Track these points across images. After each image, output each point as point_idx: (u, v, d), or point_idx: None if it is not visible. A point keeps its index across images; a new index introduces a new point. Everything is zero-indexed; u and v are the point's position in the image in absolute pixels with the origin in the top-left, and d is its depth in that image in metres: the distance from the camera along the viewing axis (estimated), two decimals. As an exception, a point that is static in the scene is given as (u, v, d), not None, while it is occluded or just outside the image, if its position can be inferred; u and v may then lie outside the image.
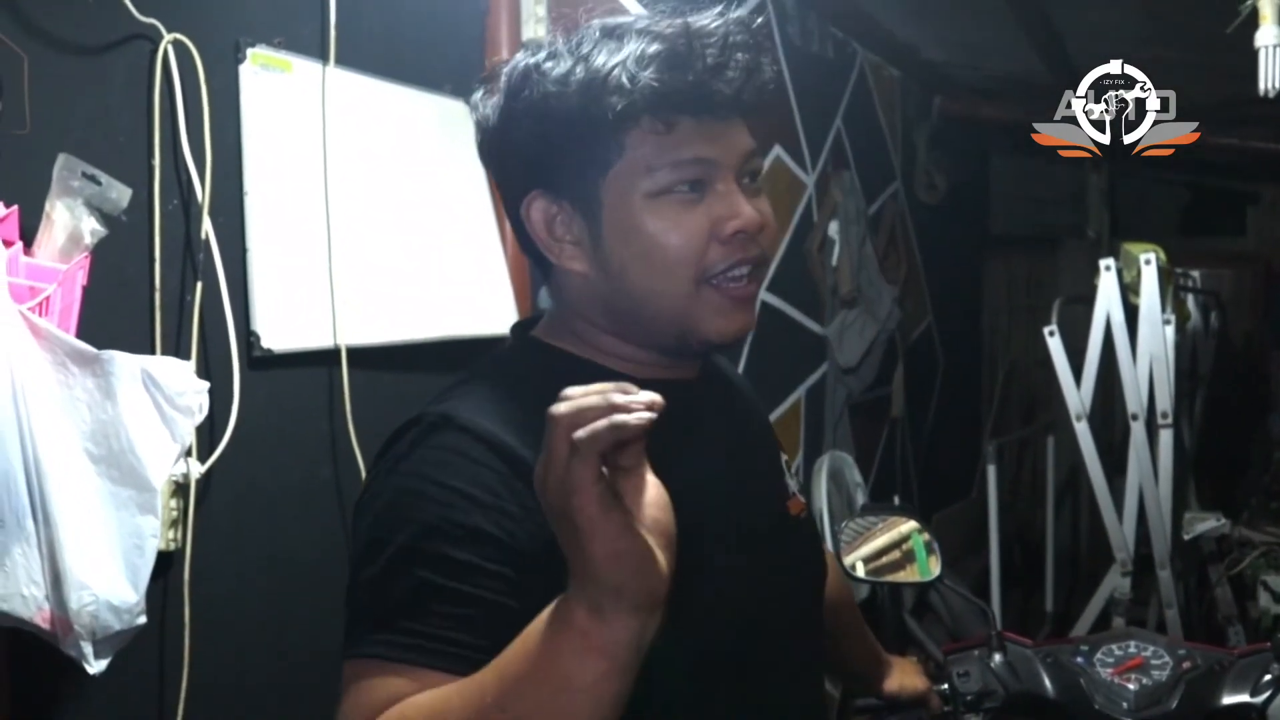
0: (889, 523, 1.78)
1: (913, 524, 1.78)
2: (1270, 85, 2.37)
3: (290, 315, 2.07)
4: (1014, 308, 6.57)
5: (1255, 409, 5.28)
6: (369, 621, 1.03)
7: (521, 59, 1.16)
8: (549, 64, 1.13)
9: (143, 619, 1.56)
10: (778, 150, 3.79)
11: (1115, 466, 3.76)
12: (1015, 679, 1.68)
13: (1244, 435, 5.11)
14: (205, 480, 1.90)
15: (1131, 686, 1.63)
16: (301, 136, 2.10)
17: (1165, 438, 3.53)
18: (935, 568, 1.76)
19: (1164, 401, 3.50)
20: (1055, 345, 3.66)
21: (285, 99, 2.07)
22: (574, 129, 1.10)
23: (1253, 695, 1.59)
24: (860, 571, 1.75)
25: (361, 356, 2.18)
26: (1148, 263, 3.47)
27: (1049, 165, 6.16)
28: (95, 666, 1.51)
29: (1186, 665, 1.65)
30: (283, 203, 2.06)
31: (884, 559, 1.78)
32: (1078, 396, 3.62)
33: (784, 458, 1.37)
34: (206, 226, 1.88)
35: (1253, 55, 2.41)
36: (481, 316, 2.52)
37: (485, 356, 1.27)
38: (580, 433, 0.83)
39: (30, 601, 1.46)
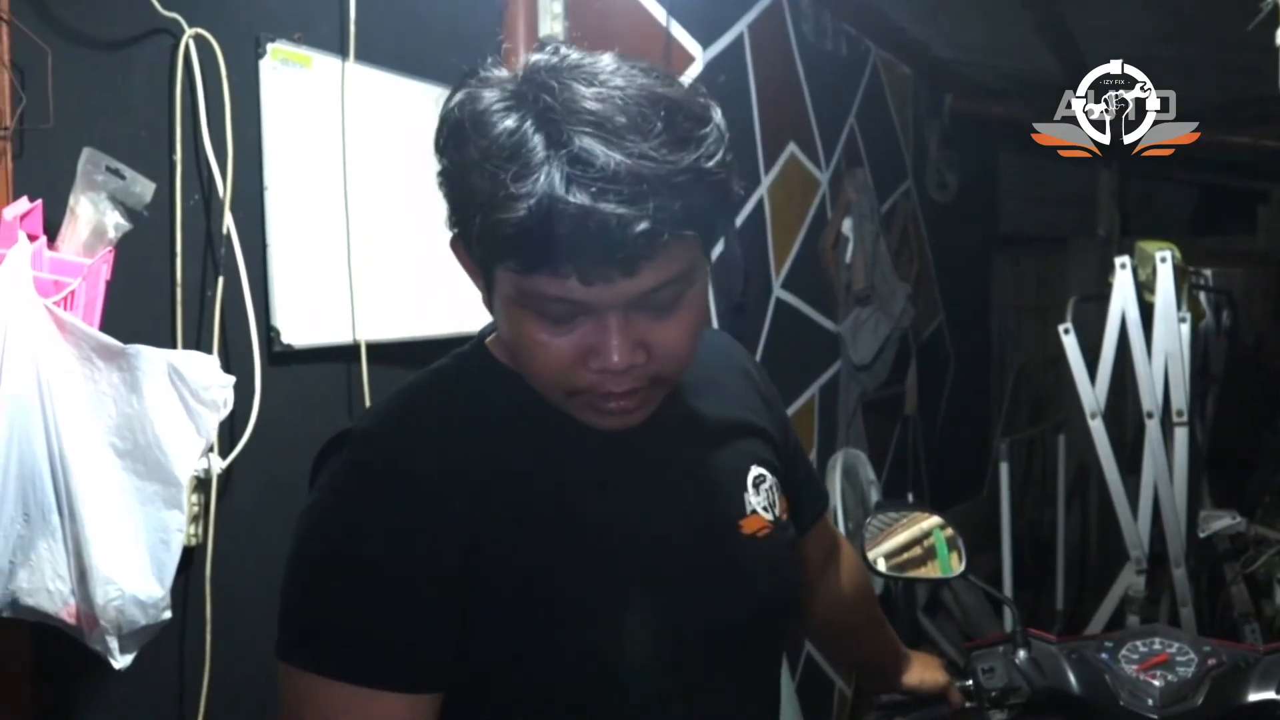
0: (912, 518, 1.78)
1: (935, 520, 1.78)
2: (1289, 83, 2.36)
3: (310, 311, 2.07)
4: (1022, 307, 6.56)
5: (1267, 408, 5.26)
6: (302, 630, 1.08)
7: (468, 99, 1.03)
8: (481, 131, 1.00)
9: (168, 614, 1.56)
10: (792, 147, 3.79)
11: (1128, 465, 3.75)
12: (1040, 675, 1.68)
13: (1255, 434, 5.10)
14: (226, 476, 1.90)
15: (1157, 683, 1.62)
16: (321, 132, 2.10)
17: (1180, 435, 3.52)
18: (957, 564, 1.76)
19: (1179, 399, 3.49)
20: (1070, 343, 3.65)
21: (305, 94, 2.06)
22: (465, 224, 1.05)
23: (1279, 692, 1.58)
24: (882, 567, 1.75)
25: (381, 352, 2.18)
26: (1163, 260, 3.46)
27: (1058, 164, 6.14)
28: (121, 661, 1.51)
29: (1211, 662, 1.64)
30: (302, 198, 2.06)
31: (905, 555, 1.78)
32: (1093, 394, 3.62)
33: (756, 472, 1.28)
34: (228, 221, 1.88)
35: (1268, 52, 2.40)
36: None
37: (440, 362, 1.25)
38: None
39: (56, 596, 1.46)
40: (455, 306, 2.37)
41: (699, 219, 1.01)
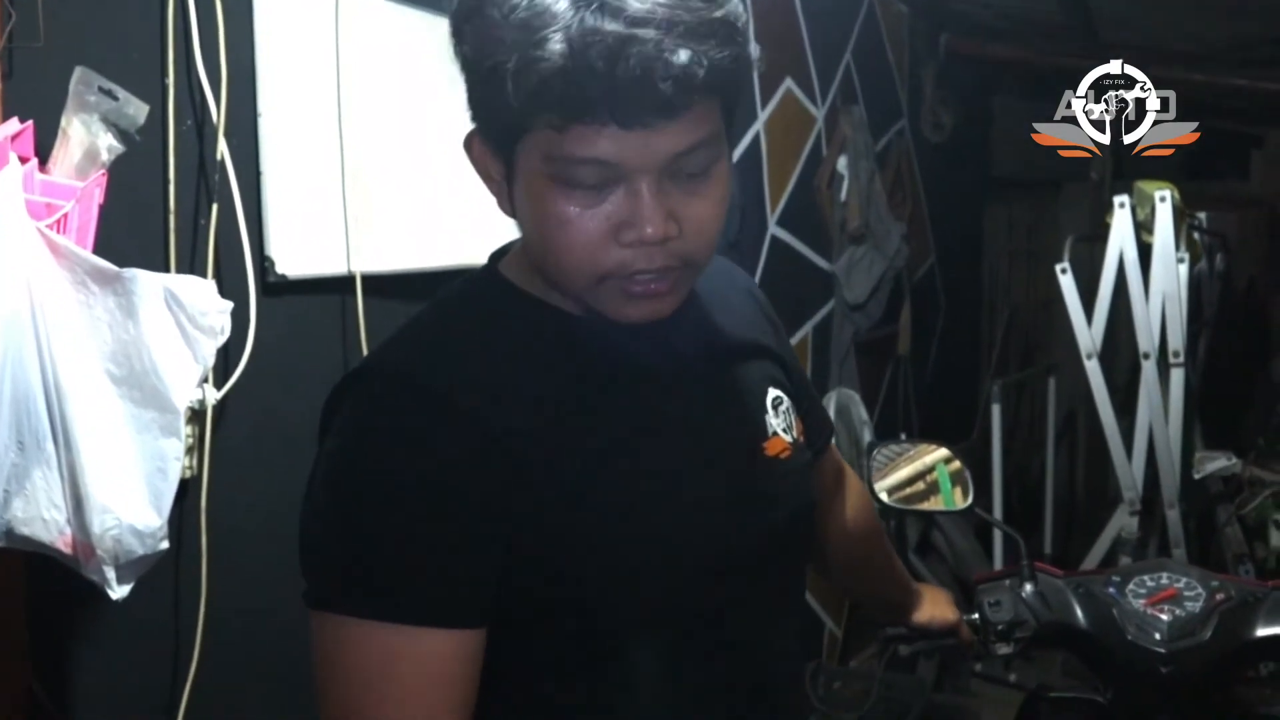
0: (918, 450, 1.76)
1: (941, 453, 1.76)
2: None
3: (305, 241, 2.03)
4: (1015, 251, 6.54)
5: (1259, 352, 5.27)
6: (345, 575, 1.04)
7: None
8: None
9: (165, 544, 1.54)
10: (788, 83, 3.74)
11: (1121, 407, 3.74)
12: (1046, 609, 1.66)
13: (1247, 377, 5.11)
14: (220, 408, 1.88)
15: (1165, 617, 1.61)
16: (315, 59, 2.05)
17: (1176, 377, 3.52)
18: (961, 499, 1.75)
19: (1175, 340, 3.48)
20: (1068, 283, 3.63)
21: (298, 19, 2.02)
22: (493, 85, 0.98)
23: (1287, 627, 1.57)
24: (886, 499, 1.73)
25: (376, 284, 2.15)
26: (1163, 200, 3.44)
27: (1053, 107, 6.11)
28: (118, 592, 1.48)
29: (1220, 597, 1.63)
30: (297, 126, 2.02)
31: (909, 489, 1.76)
32: (1089, 335, 3.60)
33: (774, 394, 1.28)
34: (222, 148, 1.84)
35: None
36: (489, 246, 2.48)
37: (451, 287, 1.21)
38: None
39: (52, 525, 1.44)
40: (451, 238, 2.34)
41: (728, 79, 0.99)
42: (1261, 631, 1.59)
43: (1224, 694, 1.66)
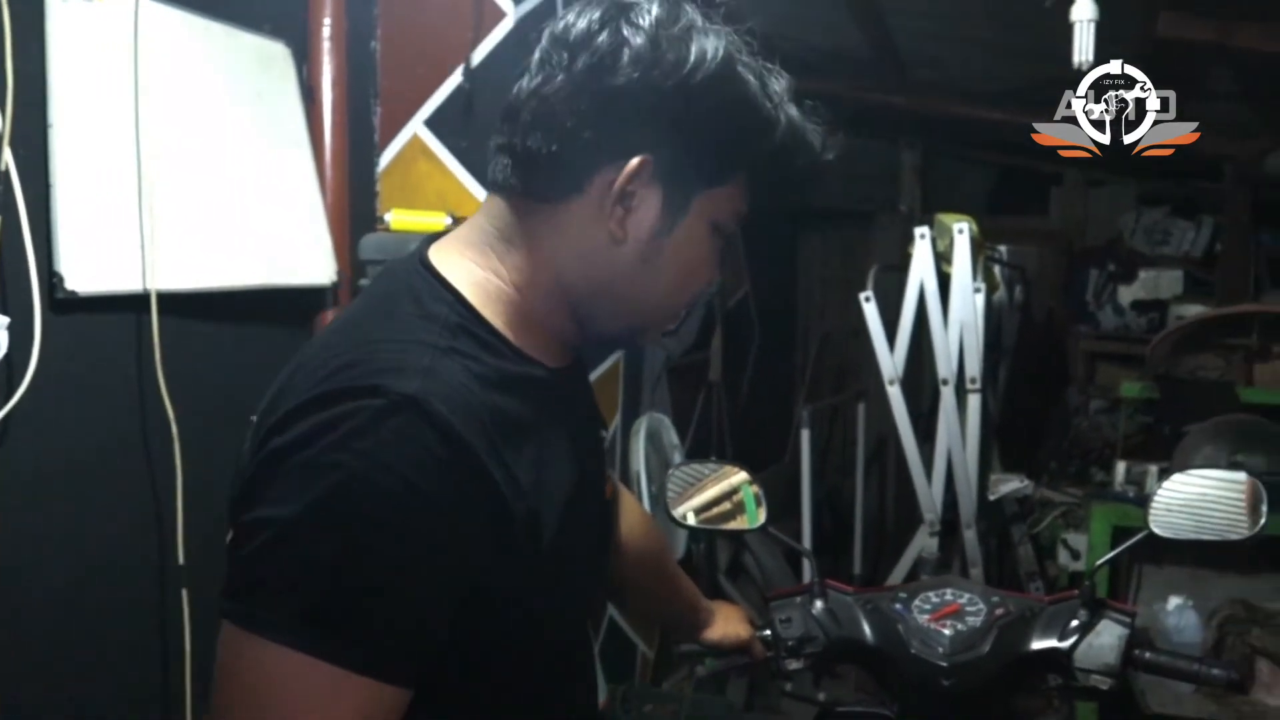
0: (721, 473, 1.79)
1: (743, 475, 1.79)
2: (1084, 59, 2.46)
3: (97, 256, 1.98)
4: (829, 279, 6.70)
5: (1055, 380, 5.49)
6: (302, 609, 0.95)
7: (712, 40, 1.12)
8: (743, 70, 1.14)
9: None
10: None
11: (924, 432, 3.86)
12: (836, 625, 1.71)
13: (1044, 405, 5.32)
14: (2, 429, 1.81)
15: (947, 632, 1.67)
16: (113, 71, 2.00)
17: (973, 402, 3.64)
18: (763, 516, 1.78)
19: (973, 367, 3.61)
20: (871, 310, 3.74)
21: (96, 30, 1.97)
22: (726, 143, 1.14)
23: (1060, 640, 1.63)
24: (692, 521, 1.76)
25: (174, 302, 2.10)
26: (960, 231, 3.56)
27: (865, 141, 6.29)
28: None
29: (1000, 612, 1.69)
30: (92, 139, 1.97)
31: (715, 509, 1.79)
32: (891, 361, 3.71)
33: (603, 434, 1.39)
34: (7, 158, 1.78)
35: (1064, 36, 2.48)
36: (299, 266, 2.45)
37: (416, 305, 1.12)
38: None
39: None
40: (252, 258, 2.30)
41: None
42: (1036, 645, 1.66)
43: (1003, 705, 1.72)
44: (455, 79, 2.80)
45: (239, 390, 2.27)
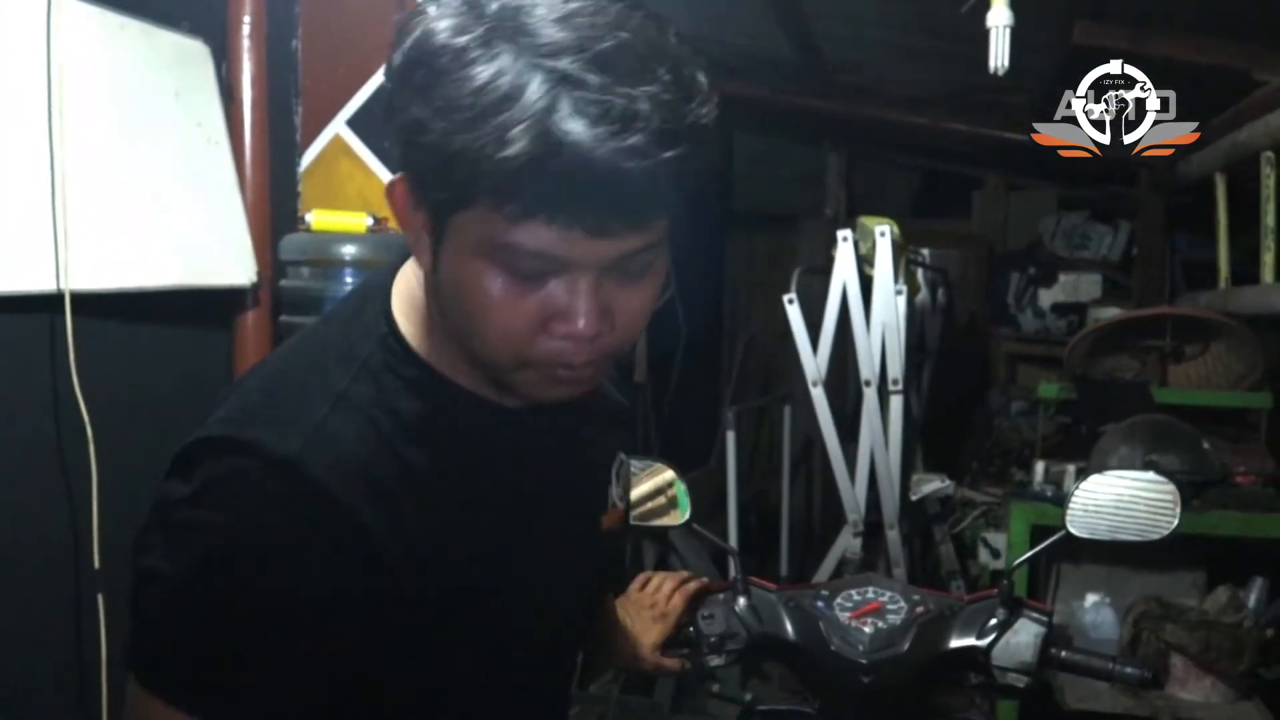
0: (652, 469, 1.79)
1: (671, 472, 1.80)
2: (1000, 64, 2.48)
3: (8, 255, 1.94)
4: (754, 283, 6.73)
5: (977, 382, 5.56)
6: (181, 668, 0.96)
7: (437, 26, 0.90)
8: (450, 60, 0.88)
9: None
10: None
11: (848, 433, 3.89)
12: (758, 622, 1.72)
13: (967, 406, 5.38)
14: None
15: (867, 629, 1.68)
16: (24, 65, 1.97)
17: (895, 404, 3.67)
18: (689, 511, 1.79)
19: (895, 369, 3.64)
20: (794, 313, 3.77)
21: (6, 25, 1.93)
22: (436, 153, 0.88)
23: (979, 638, 1.65)
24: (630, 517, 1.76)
25: (91, 302, 2.07)
26: (882, 235, 3.59)
27: (790, 145, 6.34)
28: None
29: (920, 610, 1.71)
30: (3, 134, 1.93)
31: (650, 505, 1.79)
32: (814, 363, 3.74)
33: (620, 459, 1.31)
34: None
35: (984, 42, 2.51)
36: (218, 266, 2.42)
37: (345, 339, 1.07)
38: None
39: None
40: (171, 257, 2.27)
41: (694, 185, 0.95)
42: (955, 643, 1.67)
43: (922, 702, 1.74)
44: (378, 79, 2.78)
45: (156, 392, 2.25)
